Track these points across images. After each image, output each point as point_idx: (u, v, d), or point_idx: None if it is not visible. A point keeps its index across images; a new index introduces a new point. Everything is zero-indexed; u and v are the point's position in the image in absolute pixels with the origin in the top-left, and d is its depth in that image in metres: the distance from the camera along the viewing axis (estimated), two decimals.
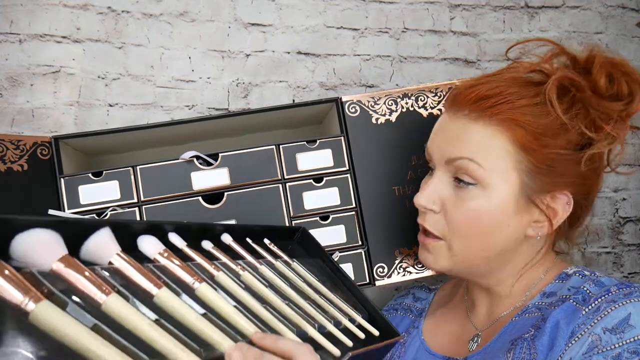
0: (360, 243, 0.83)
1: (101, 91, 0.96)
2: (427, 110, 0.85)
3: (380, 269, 0.83)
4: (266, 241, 0.71)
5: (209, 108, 1.01)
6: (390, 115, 0.84)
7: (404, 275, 0.83)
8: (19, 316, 0.38)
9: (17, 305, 0.38)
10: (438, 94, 0.85)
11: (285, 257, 0.70)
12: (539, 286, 0.69)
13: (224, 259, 0.62)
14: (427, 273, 0.84)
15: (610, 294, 0.60)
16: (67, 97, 0.95)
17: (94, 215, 0.78)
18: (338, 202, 0.82)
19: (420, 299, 0.86)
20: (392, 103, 0.84)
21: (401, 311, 0.87)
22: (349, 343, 0.61)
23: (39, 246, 0.42)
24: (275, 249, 0.71)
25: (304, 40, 1.04)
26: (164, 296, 0.47)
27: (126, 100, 0.98)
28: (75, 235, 0.46)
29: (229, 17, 1.01)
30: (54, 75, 0.94)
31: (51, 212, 0.76)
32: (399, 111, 0.84)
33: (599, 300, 0.60)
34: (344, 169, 0.83)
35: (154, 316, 0.46)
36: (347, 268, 0.82)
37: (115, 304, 0.43)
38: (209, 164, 0.81)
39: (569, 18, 1.16)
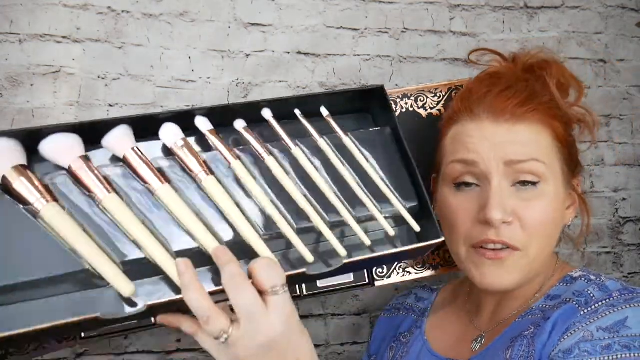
0: None
1: (101, 91, 0.97)
2: (426, 110, 0.85)
3: (380, 269, 0.83)
4: (323, 112, 0.66)
5: None
6: None
7: (403, 275, 0.83)
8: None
9: (31, 204, 0.48)
10: (438, 95, 0.85)
11: (339, 132, 0.66)
12: (544, 288, 0.69)
13: (252, 141, 0.60)
14: (427, 273, 0.84)
15: (611, 298, 0.61)
16: (67, 97, 0.95)
17: None
18: None
19: (422, 299, 0.86)
20: (391, 103, 0.84)
21: (403, 311, 0.87)
22: (367, 241, 0.62)
23: (59, 149, 0.51)
24: (330, 120, 0.66)
25: (304, 40, 1.05)
26: (163, 193, 0.54)
27: (126, 100, 0.98)
28: (101, 133, 0.54)
29: (229, 17, 1.01)
30: (54, 75, 0.95)
31: None
32: (398, 111, 0.84)
33: (600, 303, 0.60)
34: None
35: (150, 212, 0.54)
36: None
37: (112, 203, 0.51)
38: None
39: (569, 18, 1.17)
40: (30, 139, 0.52)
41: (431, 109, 0.85)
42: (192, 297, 0.50)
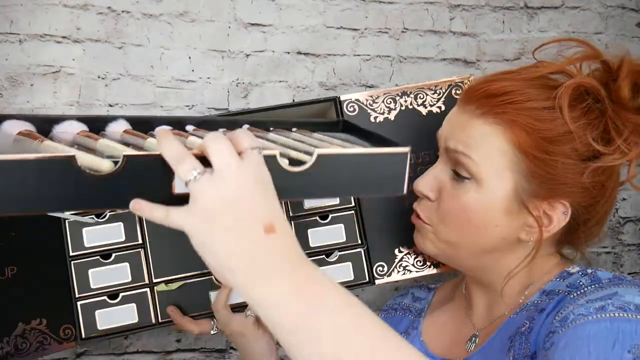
0: (359, 242, 0.82)
1: (101, 91, 0.97)
2: (426, 108, 0.85)
3: (380, 268, 0.83)
4: (293, 130, 0.73)
5: (209, 108, 1.01)
6: (389, 113, 0.84)
7: (404, 273, 0.83)
8: None
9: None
10: (437, 92, 0.85)
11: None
12: (538, 285, 0.69)
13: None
14: (428, 271, 0.84)
15: (600, 283, 0.61)
16: (67, 97, 0.95)
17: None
18: (337, 201, 0.82)
19: (419, 299, 0.86)
20: (390, 101, 0.84)
21: (400, 311, 0.86)
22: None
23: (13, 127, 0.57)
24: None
25: (304, 40, 1.05)
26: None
27: (126, 100, 0.98)
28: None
29: (229, 17, 1.01)
30: (54, 75, 0.95)
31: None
32: (397, 109, 0.84)
33: (588, 288, 0.61)
34: None
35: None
36: (347, 267, 0.82)
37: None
38: None
39: (569, 18, 1.17)
40: None
41: (431, 106, 0.85)
42: (169, 141, 0.48)
